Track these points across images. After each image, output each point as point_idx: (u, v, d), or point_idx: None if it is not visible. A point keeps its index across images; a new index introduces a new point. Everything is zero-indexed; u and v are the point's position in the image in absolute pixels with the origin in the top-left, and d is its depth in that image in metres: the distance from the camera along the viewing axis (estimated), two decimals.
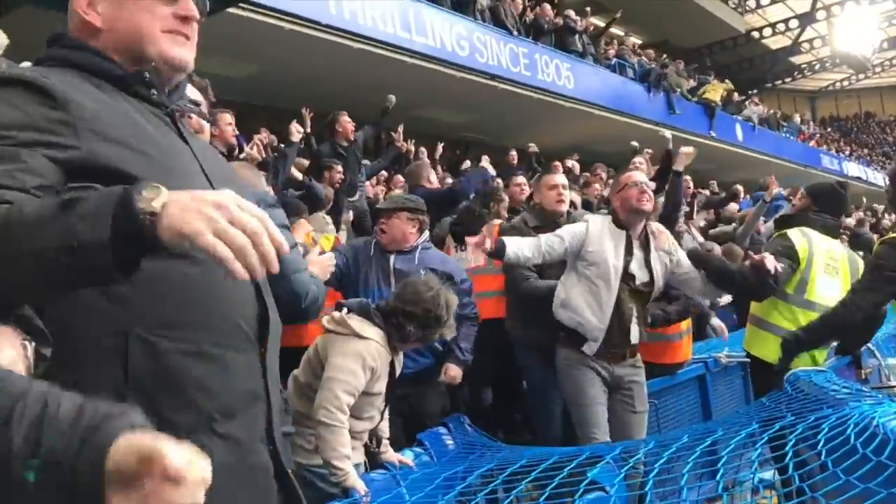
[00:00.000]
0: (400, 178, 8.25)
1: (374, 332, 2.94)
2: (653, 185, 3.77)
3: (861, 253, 4.46)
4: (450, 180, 8.19)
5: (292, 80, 11.18)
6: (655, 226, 3.80)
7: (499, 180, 7.53)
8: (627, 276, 3.64)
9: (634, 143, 8.66)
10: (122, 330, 1.19)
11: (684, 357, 4.34)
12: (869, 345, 4.62)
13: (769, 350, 3.57)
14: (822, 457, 2.17)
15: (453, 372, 3.77)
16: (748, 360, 3.96)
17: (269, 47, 9.96)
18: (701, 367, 4.65)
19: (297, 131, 5.79)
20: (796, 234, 3.68)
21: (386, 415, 3.12)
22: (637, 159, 7.05)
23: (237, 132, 7.50)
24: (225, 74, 10.84)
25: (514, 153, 10.65)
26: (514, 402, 4.62)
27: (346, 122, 6.90)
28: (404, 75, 11.34)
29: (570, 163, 10.33)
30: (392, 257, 3.78)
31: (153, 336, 1.21)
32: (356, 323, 2.93)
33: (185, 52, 1.41)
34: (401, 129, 8.40)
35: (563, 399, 3.83)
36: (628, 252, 3.65)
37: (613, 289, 3.59)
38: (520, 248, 3.56)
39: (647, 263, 3.67)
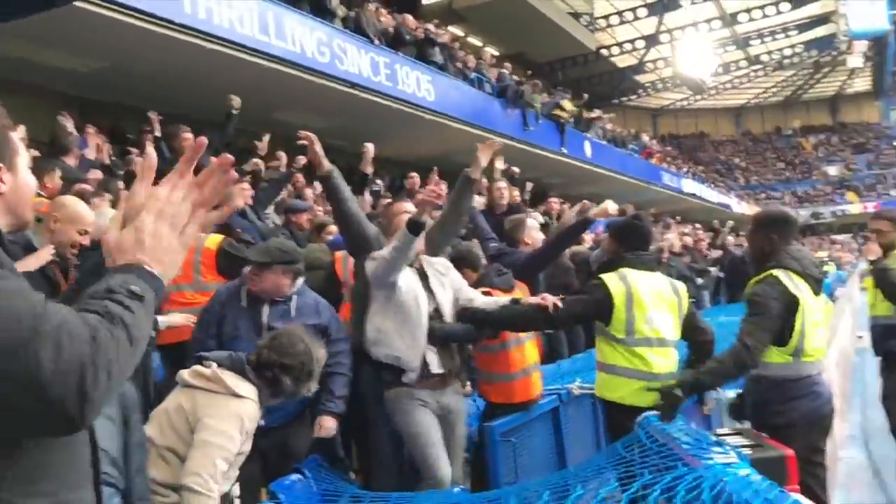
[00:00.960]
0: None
1: (249, 390, 2.76)
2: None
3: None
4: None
5: (143, 79, 10.57)
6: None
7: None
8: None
9: (501, 166, 8.69)
10: None
11: (536, 393, 4.37)
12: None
13: (621, 393, 3.66)
14: None
15: (328, 424, 3.63)
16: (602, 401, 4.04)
17: (120, 43, 9.35)
18: (555, 400, 4.71)
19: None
20: (612, 279, 3.72)
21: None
22: (501, 183, 7.06)
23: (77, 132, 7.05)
24: (71, 68, 10.18)
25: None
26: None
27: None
28: (262, 79, 10.97)
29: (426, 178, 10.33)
30: (264, 309, 3.59)
31: (17, 498, 1.11)
32: (231, 380, 2.73)
33: None
34: (266, 138, 8.12)
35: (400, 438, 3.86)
36: (423, 279, 3.86)
37: (420, 320, 3.76)
38: None
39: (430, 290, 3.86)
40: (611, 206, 5.51)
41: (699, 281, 10.46)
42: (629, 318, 3.65)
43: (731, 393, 4.85)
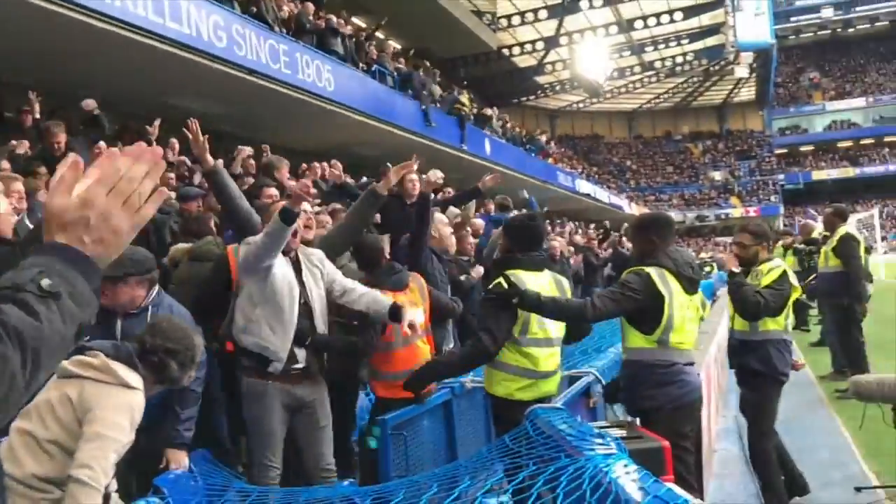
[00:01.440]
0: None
1: (138, 381, 2.67)
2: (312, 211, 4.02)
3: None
4: None
5: (23, 55, 10.01)
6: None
7: None
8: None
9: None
10: None
11: (429, 389, 4.40)
12: (595, 373, 5.02)
13: (509, 389, 3.78)
14: None
15: (180, 458, 3.40)
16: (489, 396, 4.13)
17: (2, 16, 8.84)
18: (447, 393, 4.77)
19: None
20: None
21: None
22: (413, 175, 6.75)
23: None
24: None
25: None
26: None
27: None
28: (155, 61, 10.60)
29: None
30: (118, 321, 3.41)
31: None
32: (122, 371, 2.63)
33: None
34: (157, 123, 7.85)
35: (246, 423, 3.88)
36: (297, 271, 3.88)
37: (293, 310, 3.78)
38: None
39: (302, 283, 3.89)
40: (433, 174, 5.65)
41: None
42: (526, 319, 3.77)
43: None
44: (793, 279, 4.72)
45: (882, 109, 61.79)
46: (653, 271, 3.72)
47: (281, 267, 3.76)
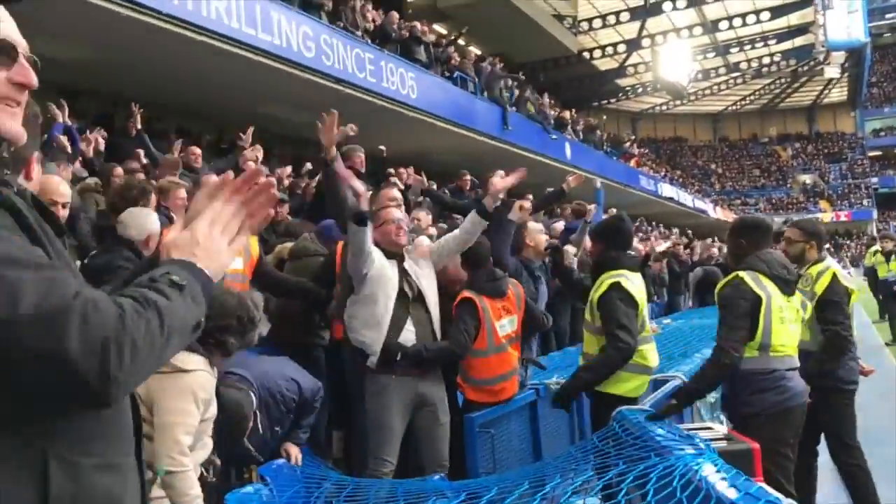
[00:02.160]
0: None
1: (197, 361, 2.81)
2: (407, 220, 4.14)
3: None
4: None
5: (127, 68, 10.58)
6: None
7: None
8: (403, 295, 3.97)
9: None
10: (41, 449, 1.11)
11: (511, 394, 4.50)
12: (682, 377, 5.01)
13: (629, 386, 3.96)
14: None
15: (295, 452, 3.69)
16: (587, 394, 4.22)
17: (104, 32, 9.36)
18: (532, 394, 4.84)
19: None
20: (626, 282, 4.00)
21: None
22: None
23: (67, 122, 7.05)
24: (51, 56, 10.13)
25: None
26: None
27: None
28: (248, 72, 11.04)
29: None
30: None
31: (74, 455, 1.15)
32: (177, 357, 2.80)
33: (15, 124, 1.27)
34: (251, 131, 8.18)
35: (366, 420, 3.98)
36: (403, 274, 4.01)
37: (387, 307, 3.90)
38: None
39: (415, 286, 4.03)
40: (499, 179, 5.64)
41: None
42: (641, 319, 3.97)
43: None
44: (846, 281, 4.53)
45: None
46: (746, 275, 3.71)
47: (381, 269, 3.92)
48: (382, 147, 9.63)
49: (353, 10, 13.59)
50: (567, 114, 24.47)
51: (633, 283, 4.02)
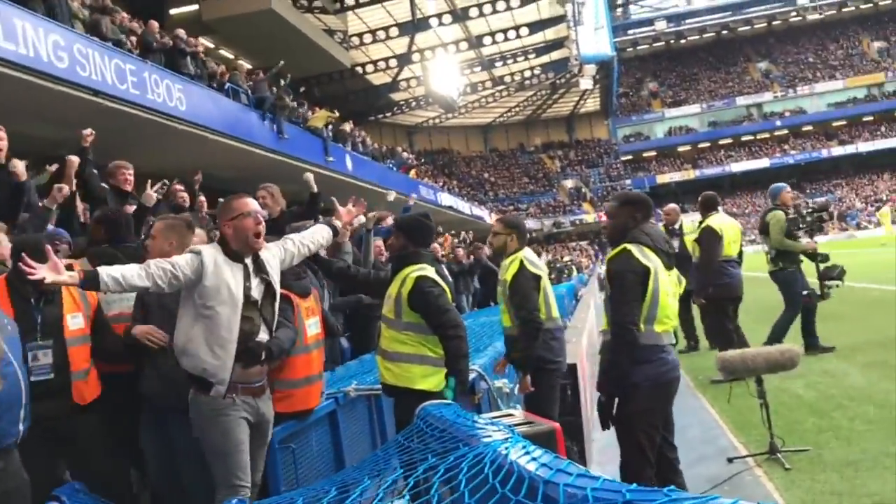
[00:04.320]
0: None
1: None
2: (265, 212, 3.73)
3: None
4: None
5: None
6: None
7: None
8: (251, 304, 3.46)
9: None
10: None
11: (314, 404, 4.28)
12: (479, 370, 5.05)
13: (435, 381, 3.89)
14: (466, 498, 2.27)
15: None
16: (387, 393, 4.13)
17: None
18: (332, 404, 4.66)
19: None
20: (433, 273, 3.98)
21: None
22: None
23: None
24: None
25: None
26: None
27: None
28: None
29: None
30: None
31: None
32: None
33: None
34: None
35: (206, 449, 3.50)
36: (247, 279, 3.47)
37: (236, 324, 3.39)
38: (123, 275, 3.15)
39: (265, 282, 3.54)
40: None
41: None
42: None
43: (499, 382, 5.09)
44: (535, 268, 4.79)
45: (715, 114, 66.33)
46: (632, 247, 3.79)
47: (230, 283, 3.41)
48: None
49: (105, 21, 12.63)
50: (347, 126, 24.46)
51: (438, 276, 4.00)
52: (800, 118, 64.71)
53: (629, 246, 3.82)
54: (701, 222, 8.22)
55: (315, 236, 4.01)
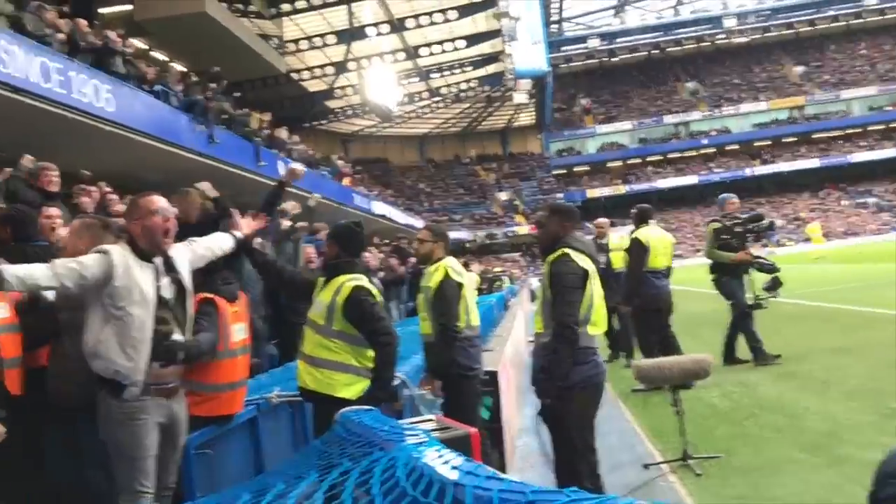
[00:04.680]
0: None
1: None
2: (175, 210, 3.66)
3: None
4: None
5: None
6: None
7: None
8: (163, 304, 3.41)
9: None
10: None
11: (237, 409, 4.25)
12: (402, 377, 5.09)
13: (357, 390, 3.90)
14: (379, 501, 2.31)
15: None
16: (306, 398, 4.13)
17: None
18: (253, 410, 4.63)
19: None
20: (368, 284, 4.06)
21: None
22: None
23: None
24: None
25: None
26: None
27: None
28: None
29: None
30: None
31: None
32: None
33: None
34: None
35: (112, 453, 3.42)
36: (157, 278, 3.42)
37: (149, 325, 3.33)
38: (29, 274, 3.07)
39: (176, 281, 3.50)
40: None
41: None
42: None
43: (422, 389, 5.14)
44: (458, 276, 4.84)
45: (645, 132, 67.98)
46: (570, 252, 3.94)
47: (141, 283, 3.34)
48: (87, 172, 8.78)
49: (35, 17, 12.28)
50: (282, 133, 24.24)
51: (372, 286, 4.07)
52: (725, 137, 66.81)
53: (568, 249, 3.96)
54: (632, 234, 8.49)
55: (218, 242, 4.01)
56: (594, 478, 3.97)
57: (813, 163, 63.85)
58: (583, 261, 3.94)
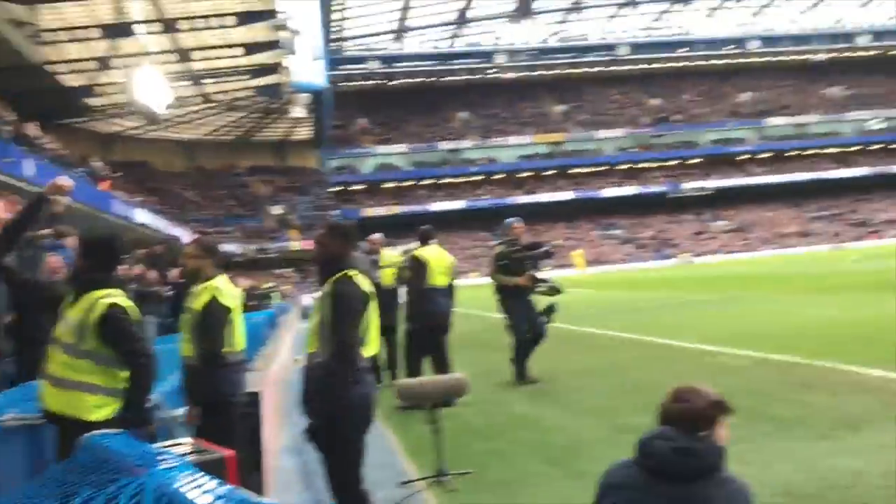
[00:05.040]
0: None
1: None
2: None
3: None
4: None
5: None
6: None
7: None
8: None
9: None
10: None
11: None
12: (157, 398, 4.85)
13: (108, 412, 3.69)
14: None
15: None
16: (50, 422, 3.83)
17: None
18: None
19: None
20: (124, 301, 3.81)
21: None
22: None
23: None
24: None
25: None
26: None
27: None
28: None
29: None
30: None
31: None
32: None
33: None
34: None
35: None
36: None
37: None
38: None
39: None
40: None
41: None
42: None
43: (178, 411, 4.92)
44: (227, 299, 4.59)
45: (419, 156, 70.23)
46: (352, 273, 3.92)
47: None
48: None
49: None
50: (31, 128, 22.21)
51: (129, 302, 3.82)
52: (493, 166, 70.73)
53: (351, 272, 3.98)
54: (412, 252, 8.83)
55: None
56: (364, 494, 4.03)
57: (569, 195, 69.28)
58: (364, 284, 4.01)
